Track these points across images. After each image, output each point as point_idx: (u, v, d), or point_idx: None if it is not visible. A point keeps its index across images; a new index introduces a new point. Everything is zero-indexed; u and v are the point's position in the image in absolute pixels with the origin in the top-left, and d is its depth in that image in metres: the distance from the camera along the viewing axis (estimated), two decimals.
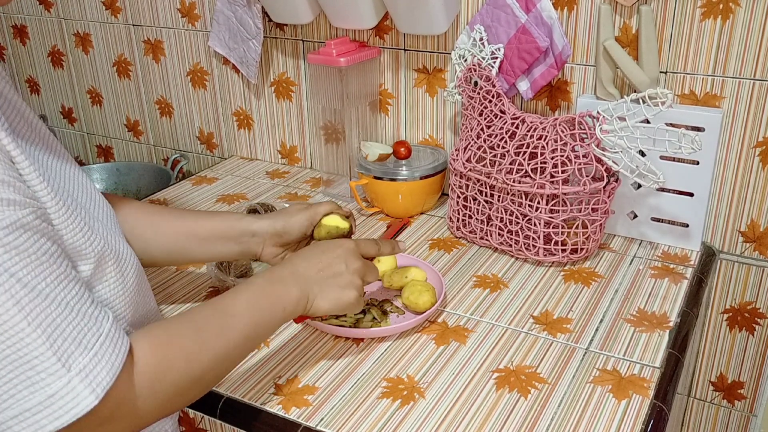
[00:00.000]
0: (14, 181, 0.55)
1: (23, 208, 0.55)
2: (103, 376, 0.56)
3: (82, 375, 0.55)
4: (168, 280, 1.08)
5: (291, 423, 0.78)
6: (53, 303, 0.55)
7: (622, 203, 1.14)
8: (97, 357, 0.56)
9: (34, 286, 0.54)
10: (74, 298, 0.57)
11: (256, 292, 0.74)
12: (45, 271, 0.55)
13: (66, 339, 0.55)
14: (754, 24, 1.01)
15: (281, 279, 0.77)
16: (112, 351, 0.58)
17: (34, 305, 0.53)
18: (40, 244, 0.56)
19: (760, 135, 1.06)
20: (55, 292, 0.55)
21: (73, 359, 0.55)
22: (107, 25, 1.65)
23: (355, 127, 1.31)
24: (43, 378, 0.54)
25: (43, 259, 0.55)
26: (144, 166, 1.72)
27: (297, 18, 1.31)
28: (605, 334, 0.92)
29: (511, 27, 1.11)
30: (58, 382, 0.54)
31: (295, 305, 0.77)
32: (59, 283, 0.56)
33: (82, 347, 0.56)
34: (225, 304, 0.71)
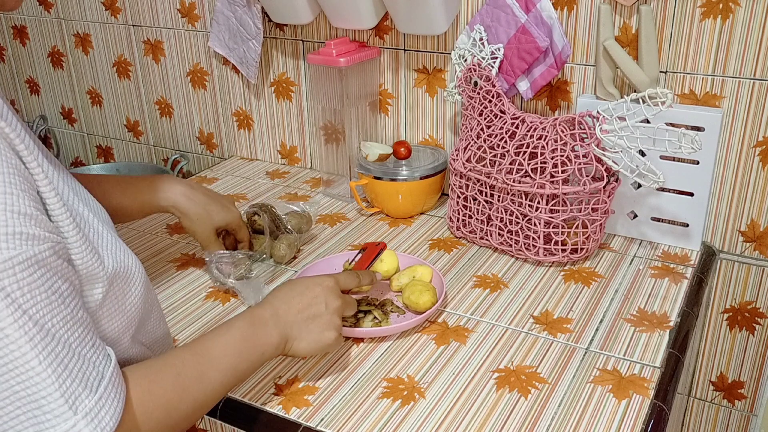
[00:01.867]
0: (38, 213, 0.55)
1: (41, 243, 0.54)
2: (107, 421, 0.56)
3: (88, 419, 0.54)
4: (168, 280, 1.08)
5: (291, 423, 0.78)
6: (59, 343, 0.54)
7: (622, 203, 1.14)
8: (101, 401, 0.56)
9: (43, 325, 0.53)
10: (77, 340, 0.56)
11: (236, 336, 0.73)
12: (53, 310, 0.54)
13: (74, 381, 0.54)
14: (754, 23, 1.01)
15: (262, 322, 0.76)
16: (115, 395, 0.57)
17: (45, 344, 0.53)
18: (52, 282, 0.55)
19: (760, 135, 1.06)
20: (60, 333, 0.55)
21: (80, 401, 0.54)
22: (107, 25, 1.65)
23: (355, 127, 1.31)
24: (49, 419, 0.53)
25: (53, 298, 0.55)
26: (144, 167, 1.72)
27: (297, 18, 1.31)
28: (605, 334, 0.92)
29: (511, 27, 1.11)
30: (64, 425, 0.53)
31: (275, 349, 0.76)
32: (65, 324, 0.55)
33: (88, 389, 0.55)
34: (205, 348, 0.70)
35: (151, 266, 1.12)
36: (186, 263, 1.13)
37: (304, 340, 0.78)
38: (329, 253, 1.13)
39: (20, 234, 0.53)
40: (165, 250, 1.18)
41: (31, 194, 0.55)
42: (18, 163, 0.55)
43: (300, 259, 1.13)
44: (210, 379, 0.68)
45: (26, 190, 0.55)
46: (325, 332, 0.80)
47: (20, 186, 0.54)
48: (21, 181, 0.54)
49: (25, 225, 0.53)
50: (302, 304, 0.79)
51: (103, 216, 0.73)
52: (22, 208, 0.53)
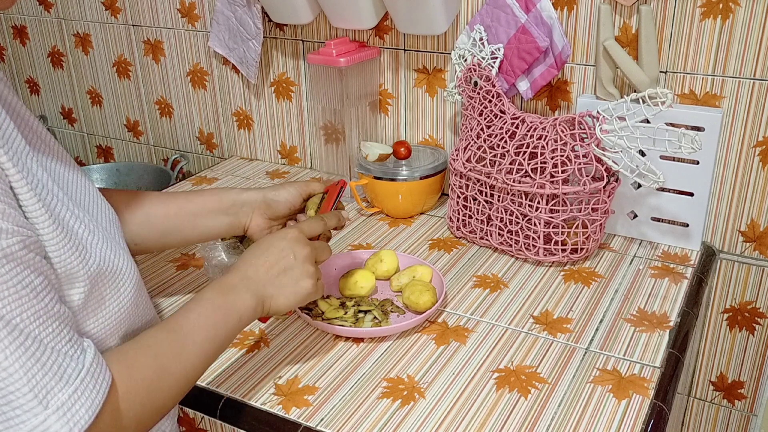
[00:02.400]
0: (6, 207, 0.54)
1: (10, 237, 0.53)
2: (81, 414, 0.55)
3: (60, 413, 0.54)
4: (168, 280, 1.08)
5: (291, 423, 0.78)
6: (29, 338, 0.53)
7: (622, 203, 1.14)
8: (76, 394, 0.55)
9: (10, 321, 0.52)
10: (50, 335, 0.55)
11: (208, 307, 0.71)
12: (24, 305, 0.54)
13: (45, 374, 0.54)
14: (754, 23, 1.01)
15: (232, 288, 0.74)
16: (93, 386, 0.57)
17: (11, 339, 0.52)
18: (22, 276, 0.54)
19: (760, 134, 1.06)
20: (30, 328, 0.54)
21: (51, 396, 0.54)
22: (107, 25, 1.65)
23: (355, 127, 1.31)
24: (18, 414, 0.53)
25: (23, 293, 0.54)
26: (144, 167, 1.72)
27: (297, 18, 1.31)
28: (605, 334, 0.92)
29: (510, 27, 1.11)
30: (34, 420, 0.53)
31: (252, 311, 0.75)
32: (36, 318, 0.54)
33: (61, 383, 0.55)
34: (178, 325, 0.69)
35: (151, 266, 1.12)
36: (186, 263, 1.13)
37: (281, 295, 0.77)
38: None
39: None
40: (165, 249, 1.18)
41: (2, 188, 0.55)
42: None
43: None
44: (188, 354, 0.67)
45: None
46: (300, 282, 0.78)
47: None
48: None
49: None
50: (270, 261, 0.78)
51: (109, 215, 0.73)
52: None
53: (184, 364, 0.67)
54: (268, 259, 0.78)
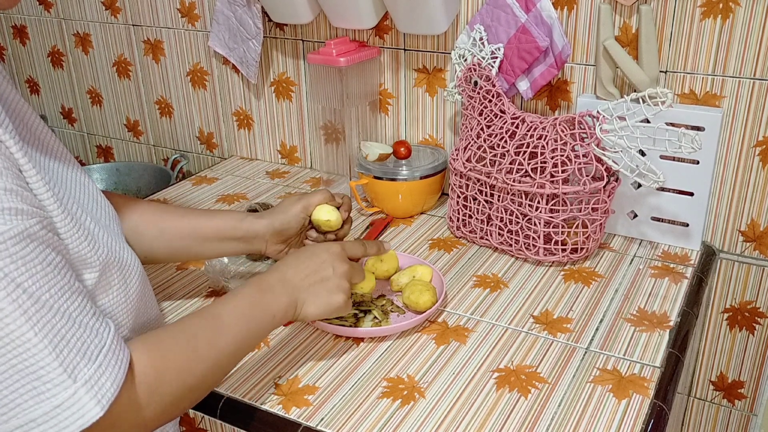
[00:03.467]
0: (22, 190, 0.56)
1: (30, 218, 0.55)
2: (107, 387, 0.56)
3: (88, 386, 0.55)
4: (168, 280, 1.08)
5: (291, 423, 0.78)
6: (57, 314, 0.55)
7: (622, 203, 1.14)
8: (101, 368, 0.57)
9: (39, 297, 0.54)
10: (77, 310, 0.57)
11: (246, 301, 0.74)
12: (50, 282, 0.55)
13: (71, 350, 0.55)
14: (754, 23, 1.01)
15: (270, 287, 0.77)
16: (115, 363, 0.58)
17: (40, 316, 0.54)
18: (46, 254, 0.56)
19: (760, 134, 1.06)
20: (58, 303, 0.55)
21: (78, 370, 0.55)
22: (107, 25, 1.65)
23: (355, 127, 1.31)
24: (49, 389, 0.54)
25: (48, 270, 0.56)
26: (144, 166, 1.72)
27: (297, 18, 1.31)
28: (605, 334, 0.92)
29: (511, 27, 1.11)
30: (64, 393, 0.54)
31: (285, 312, 0.77)
32: (63, 294, 0.56)
33: (86, 359, 0.56)
34: (216, 314, 0.71)
35: (151, 266, 1.12)
36: (186, 263, 1.13)
37: (313, 303, 0.79)
38: None
39: (9, 209, 0.53)
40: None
41: (14, 172, 0.56)
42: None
43: None
44: (223, 343, 0.69)
45: (9, 168, 0.55)
46: (333, 295, 0.80)
47: (2, 164, 0.55)
48: (2, 160, 0.55)
49: (13, 200, 0.54)
50: (310, 269, 0.80)
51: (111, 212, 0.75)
52: (7, 185, 0.54)
53: (218, 353, 0.69)
54: (308, 267, 0.80)
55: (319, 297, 0.80)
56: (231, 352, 0.71)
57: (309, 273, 0.80)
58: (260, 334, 0.75)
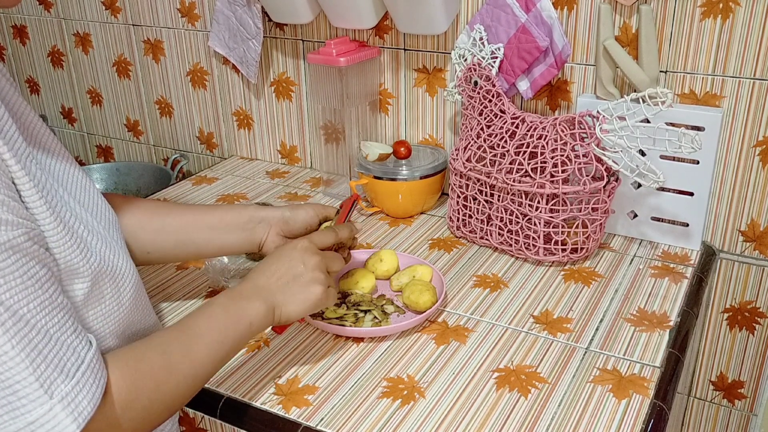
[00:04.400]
0: (9, 200, 0.55)
1: (15, 229, 0.54)
2: (84, 405, 0.56)
3: (65, 403, 0.54)
4: (168, 280, 1.08)
5: (291, 423, 0.78)
6: (34, 329, 0.54)
7: (622, 203, 1.14)
8: (79, 385, 0.56)
9: (16, 311, 0.53)
10: (56, 326, 0.56)
11: (217, 311, 0.73)
12: (29, 296, 0.54)
13: (49, 365, 0.54)
14: (754, 23, 1.01)
15: (242, 295, 0.76)
16: (93, 380, 0.57)
17: (17, 329, 0.53)
18: (28, 267, 0.55)
19: (760, 134, 1.06)
20: (36, 318, 0.55)
21: (55, 386, 0.54)
22: (107, 25, 1.65)
23: (355, 127, 1.31)
24: (24, 404, 0.53)
25: (29, 283, 0.55)
26: (144, 166, 1.72)
27: (297, 18, 1.31)
28: (605, 334, 0.92)
29: (511, 27, 1.11)
30: (40, 409, 0.53)
31: (263, 318, 0.76)
32: (42, 309, 0.55)
33: (64, 375, 0.55)
34: (188, 326, 0.71)
35: (151, 266, 1.12)
36: (186, 263, 1.13)
37: (292, 302, 0.78)
38: None
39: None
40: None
41: (4, 182, 0.55)
42: None
43: None
44: (197, 353, 0.69)
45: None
46: (310, 289, 0.79)
47: None
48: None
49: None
50: (280, 270, 0.79)
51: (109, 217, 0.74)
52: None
53: (193, 364, 0.68)
54: (279, 268, 0.79)
55: (296, 295, 0.79)
56: (206, 362, 0.70)
57: (281, 274, 0.79)
58: (237, 342, 0.73)
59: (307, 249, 0.82)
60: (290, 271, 0.79)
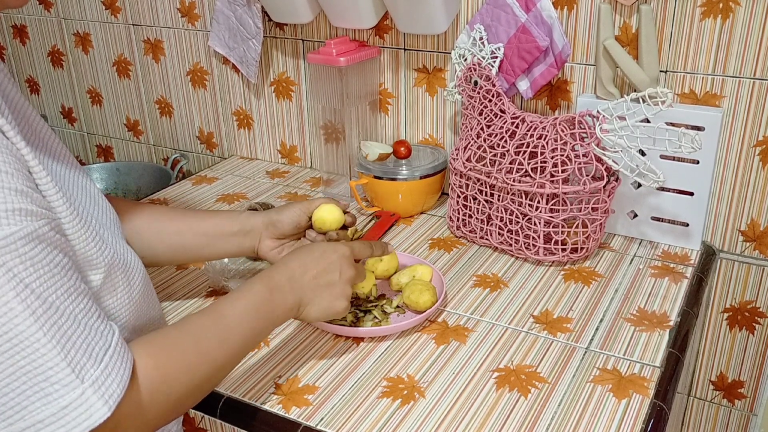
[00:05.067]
0: (32, 191, 0.56)
1: (39, 219, 0.55)
2: (114, 388, 0.57)
3: (95, 387, 0.55)
4: (168, 280, 1.08)
5: (291, 423, 0.78)
6: (63, 315, 0.55)
7: (622, 202, 1.14)
8: (107, 369, 0.57)
9: (46, 298, 0.54)
10: (82, 312, 0.57)
11: (254, 300, 0.74)
12: (57, 283, 0.56)
13: (78, 351, 0.55)
14: (754, 23, 1.01)
15: (278, 286, 0.77)
16: (120, 364, 0.58)
17: (47, 317, 0.54)
18: (53, 256, 0.56)
19: (760, 134, 1.06)
20: (65, 305, 0.56)
21: (85, 371, 0.55)
22: (107, 25, 1.65)
23: (355, 127, 1.31)
24: (57, 389, 0.54)
25: (55, 271, 0.56)
26: (144, 166, 1.72)
27: (297, 17, 1.31)
28: (605, 334, 0.92)
29: (511, 26, 1.11)
30: (72, 394, 0.54)
31: (288, 312, 0.78)
32: (69, 295, 0.56)
33: (93, 359, 0.56)
34: (223, 313, 0.72)
35: (152, 267, 1.12)
36: (186, 263, 1.13)
37: (316, 305, 0.80)
38: None
39: (19, 210, 0.54)
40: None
41: (24, 173, 0.56)
42: (6, 142, 0.56)
43: None
44: (229, 341, 0.70)
45: (19, 169, 0.56)
46: (336, 301, 0.81)
47: (14, 165, 0.55)
48: (13, 160, 0.55)
49: (23, 201, 0.54)
50: (318, 269, 0.80)
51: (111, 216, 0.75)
52: (18, 186, 0.54)
53: (225, 352, 0.70)
54: (317, 266, 0.80)
55: (323, 301, 0.80)
56: (236, 351, 0.71)
57: (317, 273, 0.80)
58: (266, 331, 0.76)
59: (347, 259, 0.83)
60: (326, 275, 0.80)
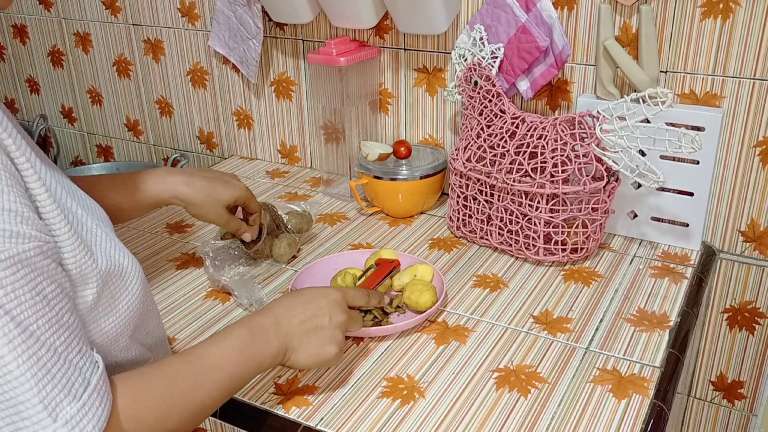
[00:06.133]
0: (24, 210, 0.53)
1: (27, 242, 0.53)
2: (89, 429, 0.54)
3: (69, 426, 0.53)
4: (168, 280, 1.08)
5: (291, 423, 0.78)
6: (44, 347, 0.52)
7: (622, 203, 1.14)
8: (85, 408, 0.54)
9: (26, 327, 0.51)
10: (63, 344, 0.54)
11: (234, 344, 0.71)
12: (38, 312, 0.53)
13: (56, 386, 0.53)
14: (754, 23, 1.01)
15: (263, 331, 0.74)
16: (99, 403, 0.55)
17: (26, 347, 0.51)
18: (36, 283, 0.53)
19: (760, 134, 1.06)
20: (45, 336, 0.53)
21: (60, 408, 0.53)
22: (107, 24, 1.65)
23: (355, 127, 1.31)
24: (27, 426, 0.51)
25: (37, 299, 0.53)
26: (144, 166, 1.72)
27: (297, 17, 1.31)
28: (605, 334, 0.92)
29: (511, 26, 1.11)
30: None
31: (273, 359, 0.74)
32: (50, 326, 0.53)
33: (71, 396, 0.53)
34: (200, 357, 0.68)
35: (151, 266, 1.12)
36: (185, 263, 1.13)
37: (303, 352, 0.76)
38: (329, 253, 1.13)
39: (3, 231, 0.51)
40: (165, 249, 1.18)
41: (19, 191, 0.54)
42: (5, 160, 0.54)
43: (300, 258, 1.13)
44: (203, 389, 0.66)
45: (13, 186, 0.53)
46: (326, 346, 0.77)
47: (7, 182, 0.53)
48: (8, 177, 0.53)
49: (10, 222, 0.52)
50: (305, 314, 0.77)
51: (100, 215, 0.72)
52: (7, 205, 0.52)
53: (198, 398, 0.66)
54: (305, 312, 0.77)
55: (311, 347, 0.76)
56: (213, 397, 0.67)
57: (304, 319, 0.76)
58: (245, 379, 0.71)
59: (338, 303, 0.79)
60: (314, 320, 0.77)
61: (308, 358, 0.76)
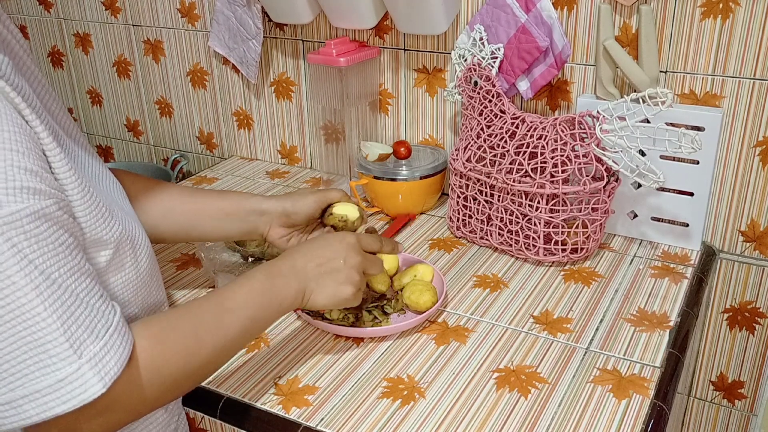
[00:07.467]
0: (42, 171, 0.57)
1: (47, 198, 0.57)
2: (111, 366, 0.58)
3: (92, 362, 0.57)
4: (168, 280, 1.08)
5: (291, 423, 0.78)
6: (66, 292, 0.56)
7: (622, 203, 1.14)
8: (107, 347, 0.58)
9: (50, 275, 0.55)
10: (84, 290, 0.59)
11: (254, 287, 0.75)
12: (60, 261, 0.57)
13: (79, 327, 0.57)
14: (754, 23, 1.01)
15: (280, 273, 0.77)
16: (120, 342, 0.59)
17: (50, 292, 0.55)
18: (58, 235, 0.57)
19: (760, 134, 1.06)
20: (68, 282, 0.57)
21: (84, 347, 0.57)
22: (107, 25, 1.65)
23: (355, 127, 1.31)
24: (54, 362, 0.55)
25: (60, 249, 0.57)
26: (144, 166, 1.72)
27: (297, 18, 1.31)
28: (605, 334, 0.92)
29: (511, 27, 1.11)
30: (69, 368, 0.56)
31: (293, 299, 0.78)
32: (72, 274, 0.58)
33: (93, 336, 0.57)
34: (223, 299, 0.72)
35: None
36: (186, 263, 1.13)
37: (321, 293, 0.80)
38: None
39: (27, 189, 0.55)
40: (165, 249, 1.18)
41: (36, 153, 0.57)
42: (22, 123, 0.57)
43: None
44: (228, 327, 0.70)
45: (31, 148, 0.57)
46: (342, 286, 0.80)
47: (25, 144, 0.56)
48: (26, 140, 0.56)
49: (32, 180, 0.55)
50: (321, 257, 0.80)
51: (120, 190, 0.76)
52: (27, 165, 0.55)
53: (223, 338, 0.69)
54: (320, 255, 0.81)
55: (328, 287, 0.80)
56: (236, 337, 0.71)
57: (321, 262, 0.80)
58: (267, 320, 0.76)
59: (352, 246, 0.83)
60: (330, 262, 0.80)
61: (326, 298, 0.80)
